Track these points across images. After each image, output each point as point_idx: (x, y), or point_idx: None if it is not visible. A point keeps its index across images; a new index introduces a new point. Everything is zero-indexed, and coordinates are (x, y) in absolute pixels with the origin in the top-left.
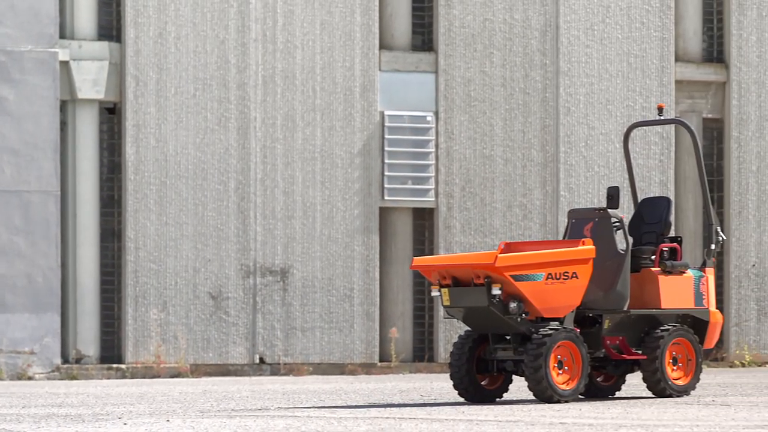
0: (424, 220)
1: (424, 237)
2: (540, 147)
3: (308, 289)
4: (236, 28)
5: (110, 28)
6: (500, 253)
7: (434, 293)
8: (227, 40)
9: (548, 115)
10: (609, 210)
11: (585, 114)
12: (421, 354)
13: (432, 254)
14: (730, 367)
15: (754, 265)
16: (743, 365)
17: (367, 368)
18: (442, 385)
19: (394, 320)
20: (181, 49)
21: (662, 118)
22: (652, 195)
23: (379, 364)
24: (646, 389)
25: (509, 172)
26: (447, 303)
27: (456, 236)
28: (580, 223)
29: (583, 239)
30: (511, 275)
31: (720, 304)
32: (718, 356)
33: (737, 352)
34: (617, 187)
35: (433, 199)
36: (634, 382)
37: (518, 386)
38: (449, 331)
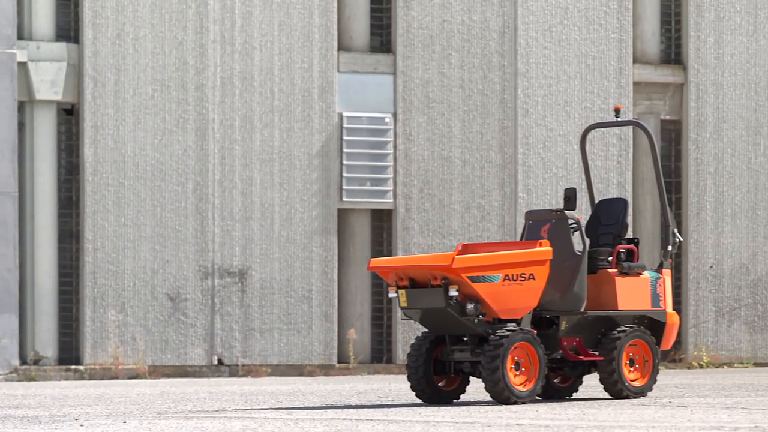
0: (382, 221)
1: (382, 238)
2: (498, 148)
3: (266, 290)
4: (194, 29)
5: (68, 29)
6: (457, 255)
7: (391, 294)
8: (185, 41)
9: (506, 117)
10: (566, 211)
11: (543, 115)
12: (380, 355)
13: (390, 255)
14: (688, 368)
15: (711, 267)
16: (701, 366)
17: (326, 369)
18: (400, 386)
19: (353, 322)
20: (139, 51)
21: (619, 119)
22: (609, 196)
23: (337, 365)
24: (603, 390)
25: (467, 173)
26: (404, 304)
27: (414, 237)
28: (537, 225)
29: (540, 241)
30: (468, 276)
31: (678, 306)
32: (676, 357)
33: (695, 353)
34: (574, 188)
35: (392, 200)
36: (592, 383)
37: (476, 387)
38: (408, 333)
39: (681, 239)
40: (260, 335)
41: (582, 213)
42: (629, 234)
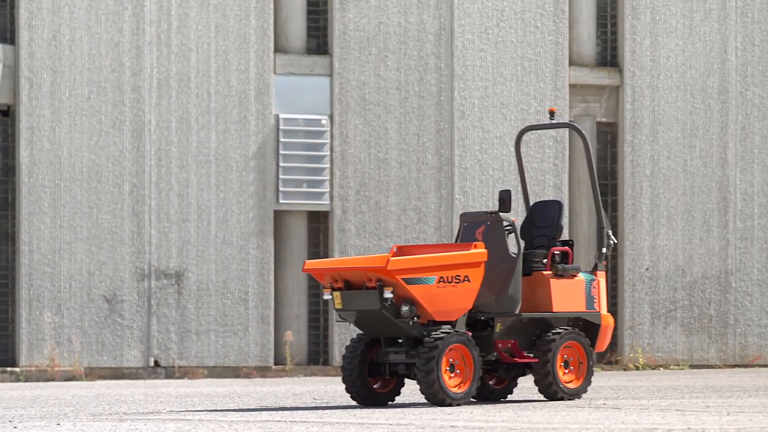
0: (318, 223)
1: (318, 240)
2: (435, 150)
3: (203, 292)
4: (131, 30)
5: (4, 30)
6: (392, 257)
7: (326, 296)
8: (122, 42)
9: (443, 119)
10: (501, 213)
11: (479, 117)
12: (316, 357)
13: (327, 257)
14: (624, 370)
15: (647, 269)
16: (637, 368)
17: (262, 371)
18: (335, 388)
19: (289, 323)
20: (75, 52)
21: (554, 122)
22: (545, 198)
23: (273, 367)
24: (538, 392)
25: (404, 175)
26: (339, 306)
27: (351, 239)
28: (472, 227)
29: (474, 242)
30: (402, 278)
31: (614, 308)
32: (612, 359)
33: (631, 355)
34: (509, 190)
35: (328, 202)
36: (527, 385)
37: (411, 389)
38: (344, 334)
39: (616, 241)
40: (197, 337)
41: (517, 215)
42: (564, 236)
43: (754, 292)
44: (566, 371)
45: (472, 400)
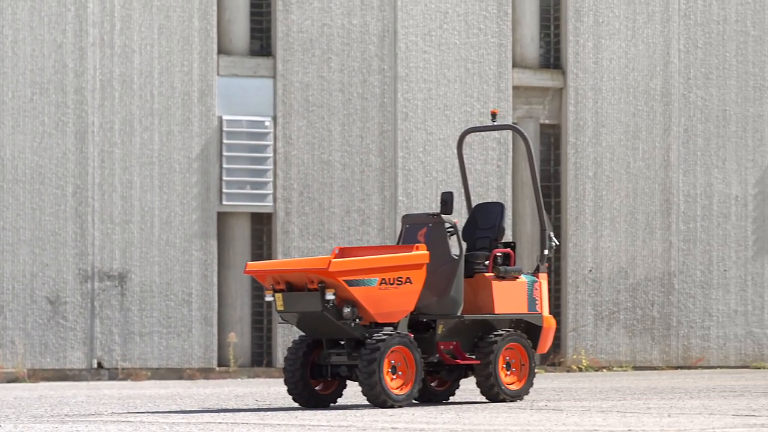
0: (262, 224)
1: (262, 242)
2: (378, 152)
3: (146, 293)
4: (74, 32)
5: None
6: (334, 258)
7: (268, 298)
8: (65, 44)
9: (386, 120)
10: (443, 215)
11: (423, 119)
12: (260, 359)
13: (270, 259)
14: (567, 371)
15: (590, 271)
16: (580, 370)
17: (206, 373)
18: (278, 390)
19: (233, 325)
20: (18, 53)
21: (496, 123)
22: (489, 200)
23: (217, 368)
24: (480, 394)
25: (347, 177)
26: (281, 308)
27: (294, 241)
28: (414, 229)
29: (416, 244)
30: (344, 280)
31: (557, 309)
32: (555, 361)
33: (574, 356)
34: (451, 192)
35: (272, 204)
36: (469, 387)
37: (353, 391)
38: (288, 336)
39: (557, 243)
40: (140, 339)
41: (459, 217)
42: (506, 238)
43: (696, 294)
44: (508, 373)
45: (414, 401)
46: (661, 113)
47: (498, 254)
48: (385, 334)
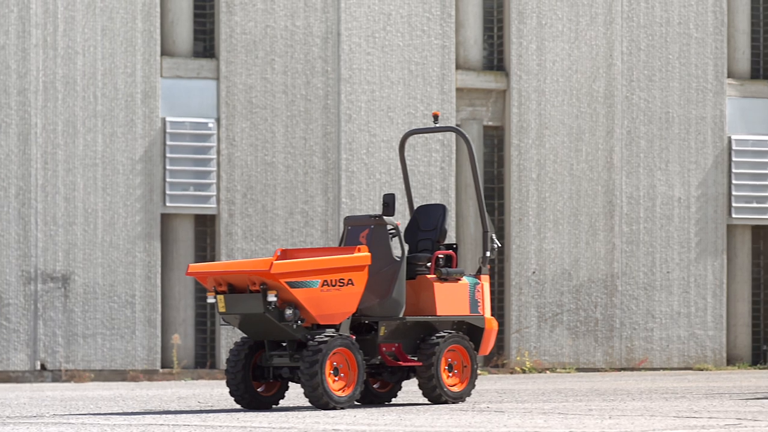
0: (205, 226)
1: (205, 243)
2: (322, 154)
3: (90, 295)
4: (16, 33)
5: None
6: (276, 260)
7: (210, 300)
8: (7, 45)
9: (330, 122)
10: (384, 217)
11: (366, 121)
12: (203, 360)
13: (214, 261)
14: (511, 373)
15: (534, 272)
16: (524, 372)
17: (149, 375)
18: (221, 391)
19: (176, 326)
20: None
21: (438, 125)
22: (431, 202)
23: (161, 370)
24: (422, 396)
25: (291, 179)
26: (223, 310)
27: (238, 243)
28: (356, 230)
29: (358, 246)
30: (286, 282)
31: (501, 311)
32: (499, 363)
33: (518, 358)
34: (393, 194)
35: (215, 205)
36: (411, 388)
37: (295, 393)
38: (231, 338)
39: (499, 245)
40: (83, 340)
41: (402, 219)
42: (449, 240)
43: (639, 296)
44: (450, 374)
45: (356, 403)
46: (604, 115)
47: (440, 256)
48: (327, 336)
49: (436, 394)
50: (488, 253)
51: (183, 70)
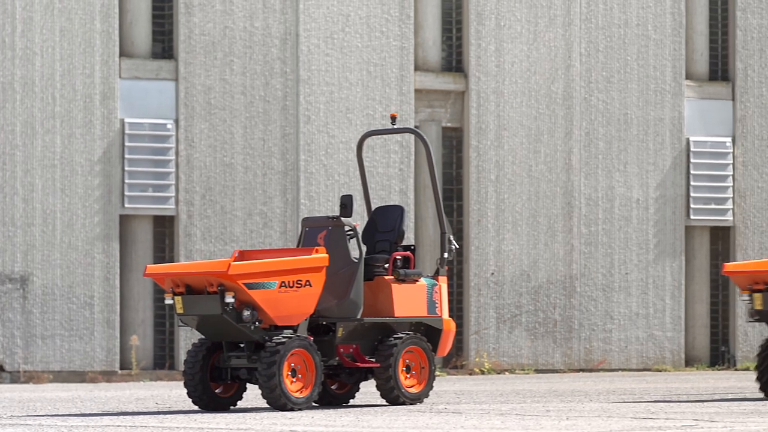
0: (164, 227)
1: (164, 245)
2: (280, 155)
3: (48, 296)
4: None
5: None
6: (233, 261)
7: (167, 301)
8: None
9: (288, 123)
10: (342, 218)
11: (325, 122)
12: (162, 361)
13: (173, 262)
14: (470, 374)
15: (492, 274)
16: (483, 373)
17: (108, 376)
18: (180, 392)
19: (135, 328)
20: None
21: (396, 127)
22: (390, 203)
23: (119, 371)
24: (380, 397)
25: (249, 180)
26: (180, 311)
27: (196, 244)
28: (314, 232)
29: (316, 247)
30: (244, 283)
31: (459, 312)
32: (457, 364)
33: (477, 359)
34: (350, 195)
35: (174, 206)
36: (369, 390)
37: (253, 394)
38: (190, 339)
39: (457, 246)
40: (42, 341)
41: (361, 220)
42: (407, 241)
43: (598, 297)
44: (408, 376)
45: (314, 404)
46: (562, 116)
47: (398, 257)
48: (284, 337)
49: (394, 396)
50: (446, 255)
51: (142, 71)
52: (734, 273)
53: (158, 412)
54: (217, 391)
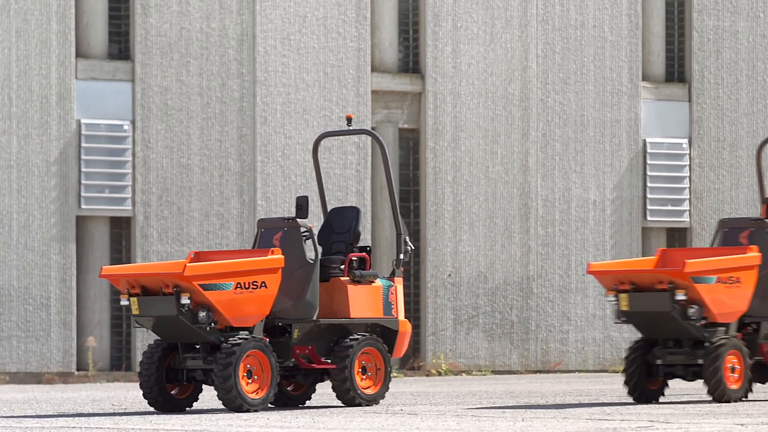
0: (121, 228)
1: (121, 246)
2: (237, 156)
3: (4, 297)
4: None
5: None
6: (189, 262)
7: (123, 302)
8: None
9: (245, 125)
10: (298, 219)
11: (282, 123)
12: (119, 363)
13: (129, 263)
14: (427, 376)
15: (450, 275)
16: (440, 374)
17: (65, 377)
18: (136, 394)
19: (92, 329)
20: None
21: (351, 128)
22: (346, 205)
23: (76, 373)
24: (336, 398)
25: (206, 181)
26: (136, 312)
27: (153, 245)
28: (270, 233)
29: (272, 249)
30: (199, 284)
31: (416, 314)
32: (414, 365)
33: (434, 361)
34: (306, 196)
35: (130, 207)
36: (326, 391)
37: (209, 395)
38: (147, 340)
39: (413, 247)
40: None
41: (315, 221)
42: (363, 242)
43: (555, 299)
44: (364, 377)
45: (269, 405)
46: (519, 118)
47: (353, 258)
48: (240, 339)
49: (349, 397)
50: (401, 256)
51: (98, 71)
52: (599, 273)
53: (114, 414)
54: (172, 392)
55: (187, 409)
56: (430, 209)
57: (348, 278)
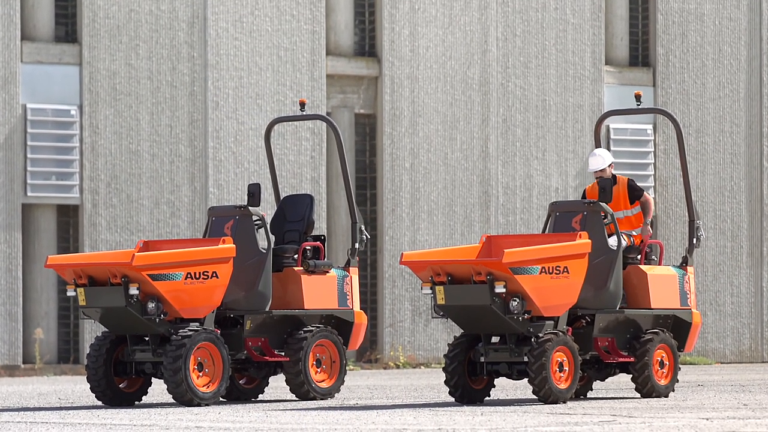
0: (68, 217)
1: (68, 234)
2: (188, 142)
3: None
4: None
5: None
6: (138, 252)
7: (70, 293)
8: None
9: (196, 110)
10: (250, 207)
11: (234, 108)
12: (67, 355)
13: (78, 252)
14: (384, 368)
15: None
16: (398, 367)
17: (10, 370)
18: (84, 387)
19: (38, 320)
20: None
21: (305, 113)
22: (301, 192)
23: (22, 366)
24: (290, 392)
25: (156, 167)
26: (83, 303)
27: (102, 234)
28: (221, 221)
29: (223, 238)
30: (148, 275)
31: (373, 305)
32: (372, 358)
33: (391, 353)
34: (258, 184)
35: (78, 195)
36: (279, 384)
37: (159, 389)
38: (96, 332)
39: (368, 236)
40: None
41: (268, 209)
42: (318, 231)
43: None
44: (318, 370)
45: (221, 399)
46: (479, 103)
47: (307, 248)
48: (190, 330)
49: (304, 390)
50: (357, 245)
51: (44, 55)
52: (413, 263)
53: (61, 408)
54: (121, 385)
55: (136, 403)
56: (387, 197)
57: (301, 268)
